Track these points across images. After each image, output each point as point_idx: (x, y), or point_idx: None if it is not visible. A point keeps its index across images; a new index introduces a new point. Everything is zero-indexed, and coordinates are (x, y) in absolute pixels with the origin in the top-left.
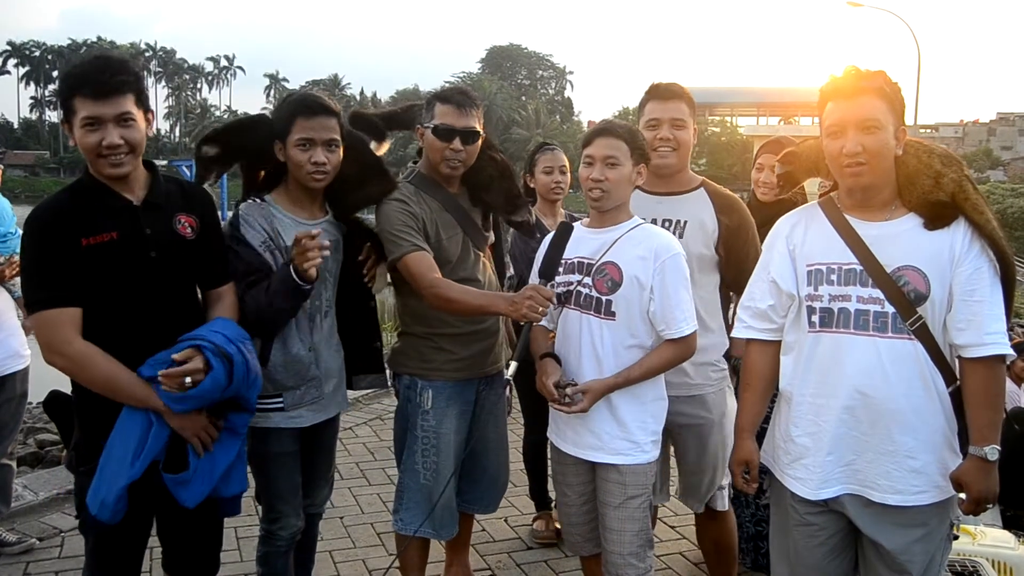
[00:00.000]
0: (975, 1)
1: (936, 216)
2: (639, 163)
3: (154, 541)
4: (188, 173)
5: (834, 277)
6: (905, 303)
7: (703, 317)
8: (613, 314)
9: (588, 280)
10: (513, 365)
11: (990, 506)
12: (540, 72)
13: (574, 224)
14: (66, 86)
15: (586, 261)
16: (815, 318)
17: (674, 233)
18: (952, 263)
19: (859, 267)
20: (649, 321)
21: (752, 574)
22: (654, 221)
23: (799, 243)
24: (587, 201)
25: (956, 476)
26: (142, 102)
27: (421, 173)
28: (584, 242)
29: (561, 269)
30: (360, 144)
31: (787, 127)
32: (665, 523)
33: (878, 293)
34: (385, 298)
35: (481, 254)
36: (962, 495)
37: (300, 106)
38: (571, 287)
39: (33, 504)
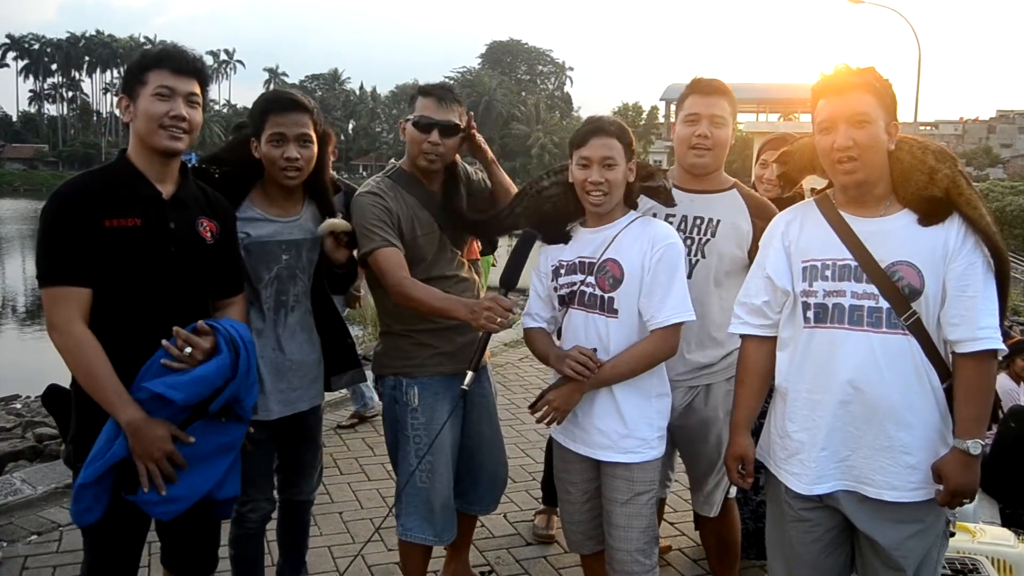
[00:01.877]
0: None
1: (930, 212)
2: (630, 160)
3: (154, 535)
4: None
5: (829, 273)
6: (899, 298)
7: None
8: (616, 311)
9: (591, 279)
10: (470, 375)
11: (967, 501)
12: (540, 67)
13: (575, 224)
14: (142, 61)
15: (587, 260)
16: (810, 314)
17: (706, 231)
18: (946, 259)
19: (853, 263)
20: None
21: (753, 562)
22: (684, 218)
23: (794, 239)
24: (586, 204)
25: (937, 467)
26: (204, 95)
27: (401, 169)
28: (584, 242)
29: (563, 271)
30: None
31: (787, 124)
32: (665, 519)
33: (872, 288)
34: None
35: (459, 253)
36: (940, 486)
37: (272, 103)
38: (574, 287)
39: (31, 498)
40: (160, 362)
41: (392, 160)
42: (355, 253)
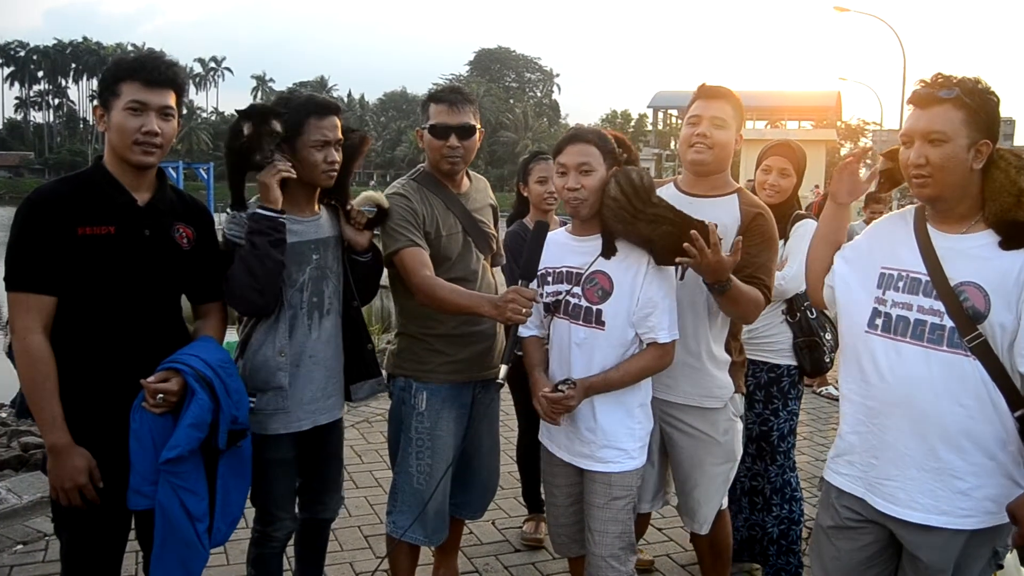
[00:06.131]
0: (961, 7)
1: (1012, 235)
2: (612, 167)
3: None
4: (174, 175)
5: (901, 284)
6: (964, 319)
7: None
8: (603, 323)
9: (577, 290)
10: (503, 368)
11: None
12: (528, 75)
13: (561, 230)
14: (115, 72)
15: (575, 271)
16: (879, 321)
17: None
18: (1021, 285)
19: (925, 277)
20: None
21: (743, 565)
22: None
23: (882, 242)
24: (567, 210)
25: (1011, 508)
26: (180, 105)
27: (426, 172)
28: (571, 251)
29: (550, 278)
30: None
31: (774, 131)
32: (652, 525)
33: (939, 305)
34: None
35: (482, 256)
36: (1014, 527)
37: (312, 105)
38: (560, 296)
39: (17, 507)
40: (141, 405)
41: (420, 165)
42: (377, 240)
